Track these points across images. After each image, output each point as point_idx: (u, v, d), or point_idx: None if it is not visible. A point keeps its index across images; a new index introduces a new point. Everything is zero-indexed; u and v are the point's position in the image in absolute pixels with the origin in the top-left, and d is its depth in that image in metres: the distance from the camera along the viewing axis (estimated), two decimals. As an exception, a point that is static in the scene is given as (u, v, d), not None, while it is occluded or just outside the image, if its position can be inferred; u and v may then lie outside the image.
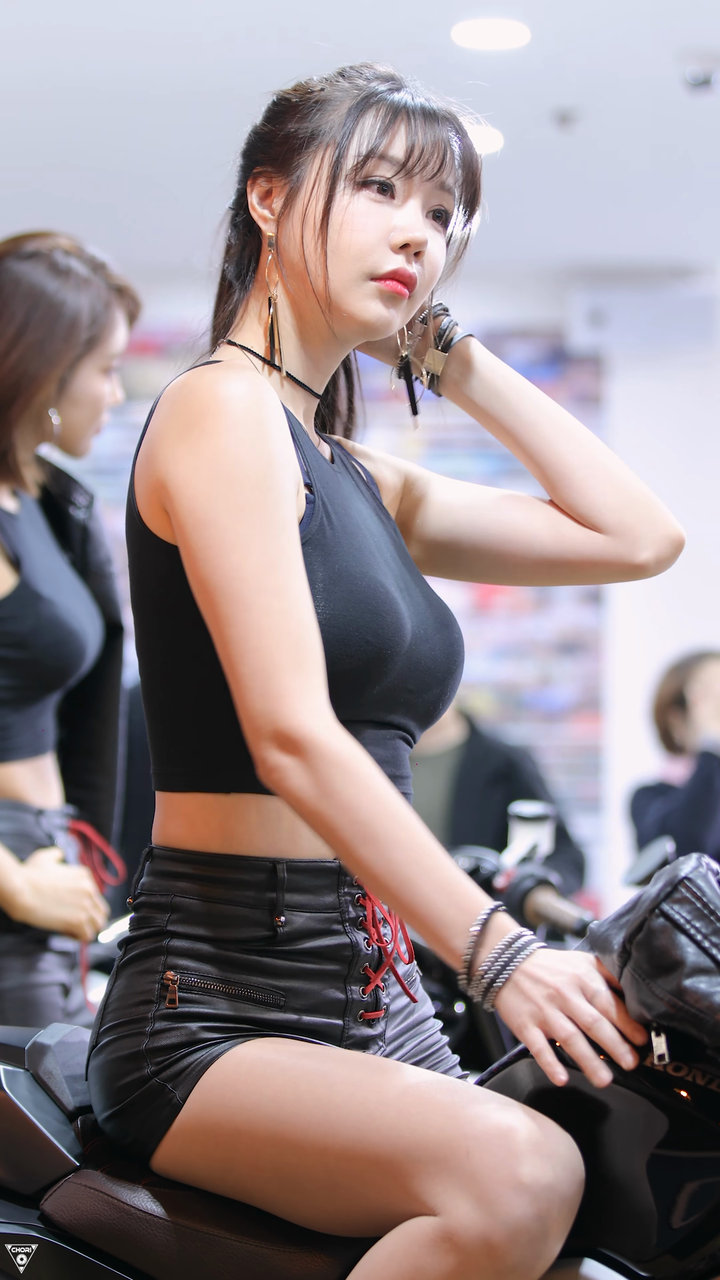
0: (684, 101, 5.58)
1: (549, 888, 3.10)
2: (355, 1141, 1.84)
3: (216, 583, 1.88)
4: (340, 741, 1.86)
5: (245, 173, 2.09)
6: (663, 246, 7.42)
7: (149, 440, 1.97)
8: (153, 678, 2.01)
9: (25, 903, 2.83)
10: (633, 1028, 1.81)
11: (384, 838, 1.84)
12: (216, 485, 1.89)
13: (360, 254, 2.01)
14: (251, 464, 1.90)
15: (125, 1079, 1.95)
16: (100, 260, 2.96)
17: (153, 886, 1.99)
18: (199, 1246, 1.90)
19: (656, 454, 7.80)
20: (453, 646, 2.07)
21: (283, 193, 2.04)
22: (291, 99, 2.06)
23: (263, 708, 1.85)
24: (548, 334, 7.84)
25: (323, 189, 2.01)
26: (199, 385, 1.94)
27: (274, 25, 5.07)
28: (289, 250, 2.04)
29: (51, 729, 2.95)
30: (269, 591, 1.87)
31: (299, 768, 1.85)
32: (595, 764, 7.81)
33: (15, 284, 2.90)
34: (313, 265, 2.02)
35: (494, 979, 1.81)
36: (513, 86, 5.49)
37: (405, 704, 2.02)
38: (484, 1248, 1.76)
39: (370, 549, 2.02)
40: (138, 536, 1.99)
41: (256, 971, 1.95)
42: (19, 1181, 1.99)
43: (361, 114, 2.02)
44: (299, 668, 1.86)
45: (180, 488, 1.91)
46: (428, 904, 1.83)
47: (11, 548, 2.88)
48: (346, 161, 2.01)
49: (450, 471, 2.32)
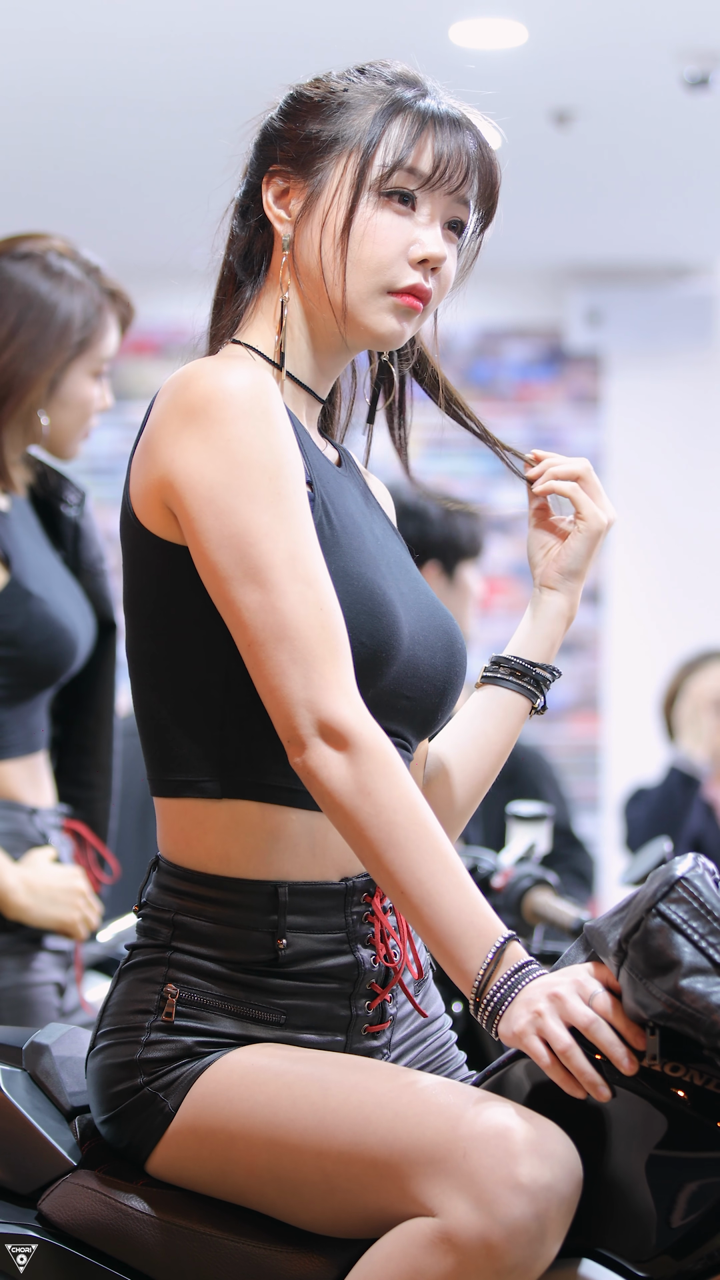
0: (681, 101, 5.58)
1: (546, 887, 3.10)
2: (352, 1144, 1.83)
3: (243, 571, 1.86)
4: (381, 739, 1.86)
5: (259, 166, 2.05)
6: (660, 246, 7.42)
7: (148, 434, 1.94)
8: (144, 682, 1.98)
9: (19, 901, 2.83)
10: (633, 1031, 1.80)
11: (412, 845, 1.83)
12: (233, 474, 1.87)
13: (380, 267, 1.99)
14: (266, 452, 1.88)
15: (118, 1086, 1.95)
16: (94, 264, 2.96)
17: (157, 900, 1.98)
18: (196, 1247, 1.90)
19: (654, 453, 7.81)
20: (454, 658, 2.05)
21: (302, 195, 2.01)
22: (312, 96, 2.03)
23: (305, 696, 1.84)
24: (545, 333, 7.84)
25: (345, 197, 1.99)
26: (200, 374, 1.91)
27: (271, 25, 5.07)
28: (305, 254, 2.01)
29: (44, 727, 2.95)
30: (301, 580, 1.86)
31: (341, 760, 1.84)
32: (593, 763, 7.81)
33: (8, 285, 2.90)
34: (330, 273, 2.00)
35: (500, 1003, 1.82)
36: (510, 86, 5.48)
37: (402, 711, 2.00)
38: (482, 1248, 1.76)
39: (370, 552, 2.00)
40: (133, 536, 1.97)
41: (258, 991, 1.94)
42: (17, 1181, 1.99)
43: (389, 121, 1.99)
44: (336, 660, 1.86)
45: (192, 478, 1.88)
46: (447, 923, 1.83)
47: (1, 546, 2.88)
48: (371, 171, 1.98)
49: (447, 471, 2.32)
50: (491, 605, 7.72)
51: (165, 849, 1.99)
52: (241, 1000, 1.93)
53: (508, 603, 7.82)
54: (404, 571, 2.06)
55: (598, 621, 7.87)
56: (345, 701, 1.85)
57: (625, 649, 7.76)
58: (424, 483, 2.25)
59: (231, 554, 1.86)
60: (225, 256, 2.08)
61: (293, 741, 1.86)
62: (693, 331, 7.64)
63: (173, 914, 1.96)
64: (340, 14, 5.03)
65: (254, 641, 1.86)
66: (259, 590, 1.86)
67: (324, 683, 1.85)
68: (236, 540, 1.86)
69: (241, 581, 1.86)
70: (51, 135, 6.05)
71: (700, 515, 7.79)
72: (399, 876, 1.83)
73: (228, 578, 1.87)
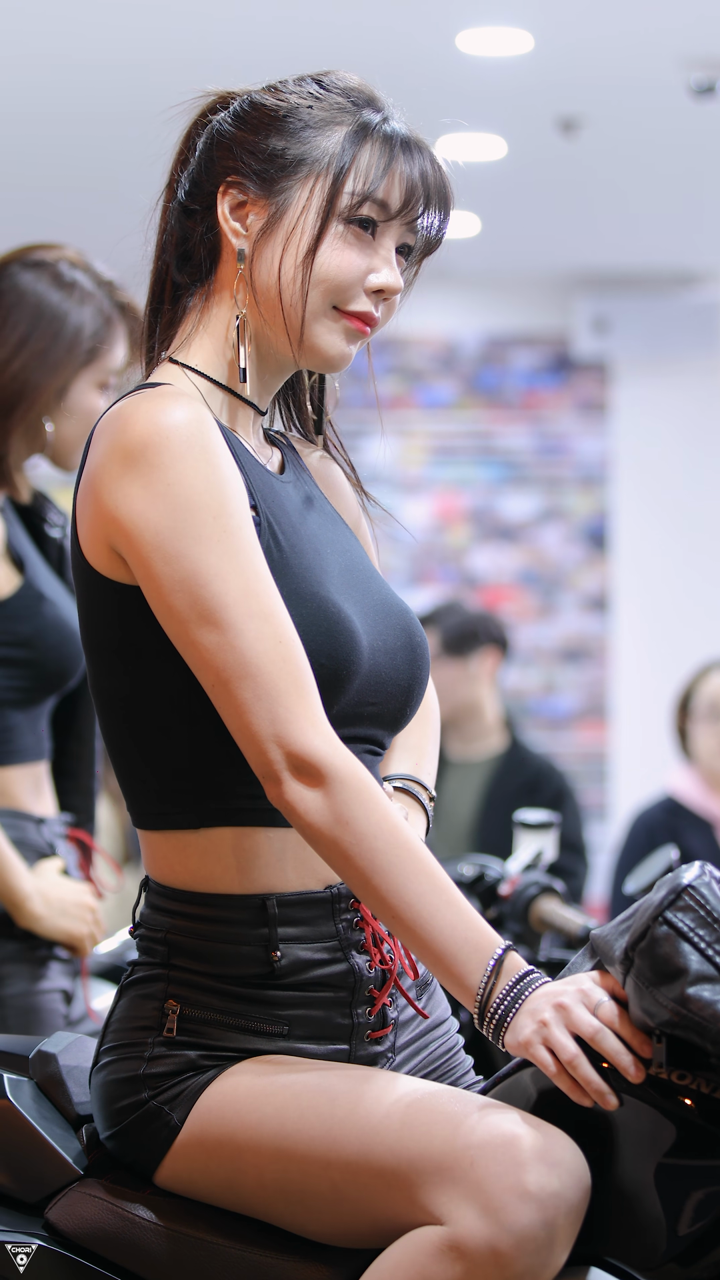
0: (688, 108, 5.58)
1: (553, 895, 3.10)
2: (359, 1155, 1.83)
3: (198, 614, 1.85)
4: (354, 766, 1.86)
5: (212, 172, 2.01)
6: (667, 253, 7.42)
7: (89, 477, 1.92)
8: (112, 718, 1.97)
9: (34, 910, 2.83)
10: (639, 1039, 1.80)
11: (399, 869, 1.84)
12: (178, 518, 1.86)
13: (338, 289, 1.97)
14: (207, 491, 1.87)
15: (122, 1102, 1.94)
16: (107, 277, 2.97)
17: (150, 919, 1.98)
18: (204, 1256, 1.90)
19: (661, 460, 7.80)
20: (415, 653, 2.04)
21: (262, 213, 1.98)
22: (273, 109, 1.99)
23: (273, 733, 1.84)
24: (552, 341, 7.84)
25: (312, 222, 1.96)
26: (135, 417, 1.89)
27: (277, 33, 5.07)
28: (263, 273, 1.98)
29: (48, 737, 2.96)
30: (257, 617, 1.86)
31: (315, 794, 1.84)
32: (600, 771, 7.80)
33: (20, 293, 2.91)
34: (289, 294, 1.97)
35: (505, 1014, 1.81)
36: (517, 94, 5.48)
37: (369, 717, 1.99)
38: (490, 1256, 1.75)
39: (318, 566, 1.98)
40: (86, 577, 1.95)
41: (258, 1003, 1.93)
42: (23, 1190, 1.99)
43: (358, 148, 1.97)
44: (300, 692, 1.86)
45: (137, 525, 1.87)
46: (443, 941, 1.83)
47: (15, 548, 2.89)
48: (340, 200, 1.96)
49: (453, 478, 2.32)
50: (496, 613, 7.72)
51: (151, 872, 1.99)
52: (242, 1014, 1.93)
53: (515, 610, 7.81)
54: (353, 574, 2.03)
55: (605, 629, 7.87)
56: (314, 733, 1.85)
57: (632, 657, 7.76)
58: (358, 478, 2.18)
59: (185, 597, 1.86)
60: (158, 253, 2.05)
61: (267, 777, 1.86)
62: (700, 339, 7.64)
63: (165, 933, 1.96)
64: (346, 22, 5.04)
65: (217, 681, 1.86)
66: (216, 631, 1.85)
67: (290, 716, 1.84)
68: (188, 583, 1.86)
69: (198, 624, 1.86)
70: (66, 152, 6.06)
71: (708, 522, 7.79)
72: (389, 901, 1.84)
73: (184, 620, 1.86)
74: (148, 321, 2.07)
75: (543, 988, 1.82)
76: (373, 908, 1.86)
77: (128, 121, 5.81)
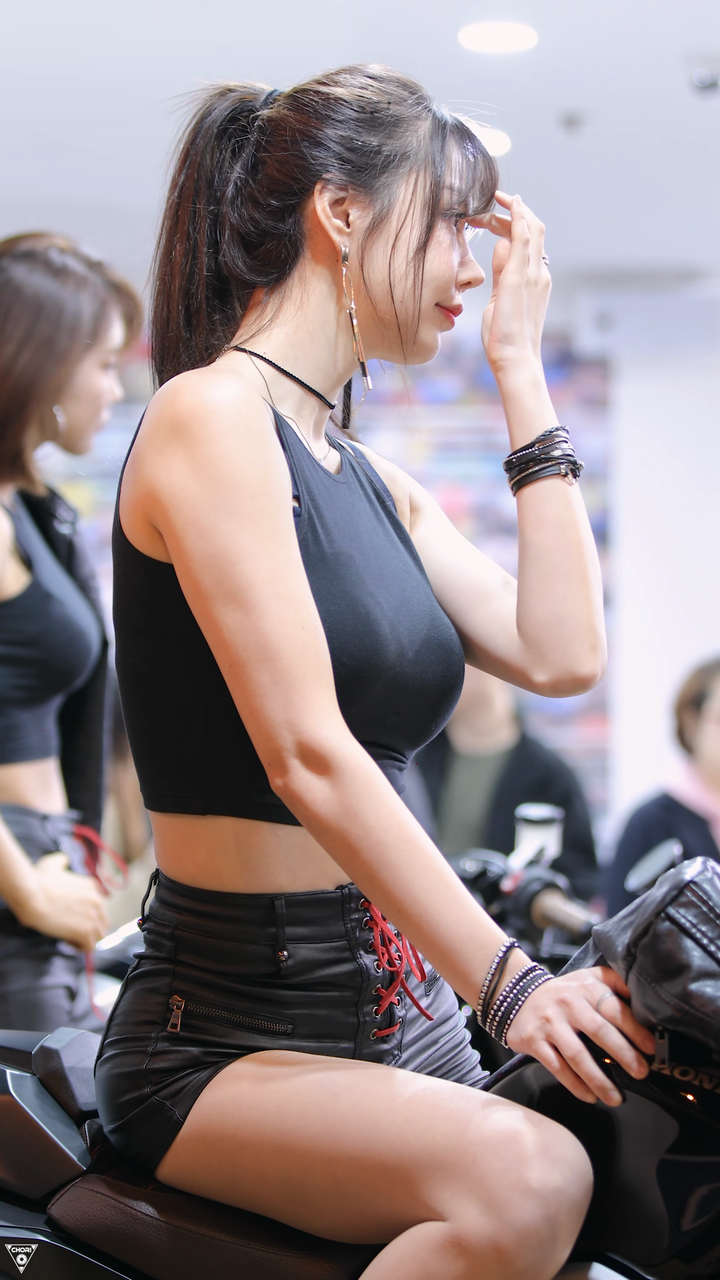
0: (691, 104, 5.58)
1: (556, 890, 3.10)
2: (361, 1150, 1.83)
3: (224, 591, 1.85)
4: (364, 760, 1.85)
5: (284, 166, 2.00)
6: (670, 249, 7.42)
7: (137, 447, 1.93)
8: (131, 696, 1.97)
9: (37, 907, 2.83)
10: (642, 1035, 1.80)
11: (404, 864, 1.83)
12: (215, 492, 1.86)
13: (444, 287, 2.01)
14: (250, 470, 1.87)
15: (125, 1096, 1.95)
16: (96, 259, 2.97)
17: (158, 914, 1.98)
18: (206, 1252, 1.90)
19: (663, 457, 7.80)
20: (449, 669, 2.03)
21: (366, 210, 1.99)
22: (353, 102, 1.99)
23: (285, 718, 1.84)
24: (555, 337, 7.84)
25: (420, 218, 1.99)
26: (184, 390, 1.89)
27: (281, 28, 5.07)
28: (371, 270, 1.99)
29: (55, 734, 2.96)
30: (283, 600, 1.85)
31: (323, 783, 1.84)
32: (603, 767, 7.80)
33: (16, 287, 2.91)
34: (400, 289, 1.99)
35: (508, 1011, 1.82)
36: (520, 89, 5.49)
37: (394, 726, 1.99)
38: (493, 1252, 1.76)
39: (359, 566, 1.97)
40: (122, 552, 1.95)
41: (264, 1002, 1.93)
42: (26, 1186, 1.99)
43: (443, 143, 2.01)
44: (318, 681, 1.85)
45: (176, 495, 1.87)
46: (447, 937, 1.83)
47: (24, 547, 2.89)
48: (443, 197, 2.00)
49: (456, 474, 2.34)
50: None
51: (161, 864, 1.99)
52: (247, 1012, 1.93)
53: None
54: (398, 582, 2.02)
55: (607, 625, 7.86)
56: (326, 723, 1.84)
57: (635, 652, 7.75)
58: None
59: (213, 573, 1.85)
60: (222, 247, 2.01)
61: (274, 764, 1.85)
62: (703, 335, 7.64)
63: (172, 928, 1.96)
64: (350, 17, 5.04)
65: (235, 662, 1.85)
66: (240, 610, 1.85)
67: (305, 704, 1.84)
68: (218, 559, 1.85)
69: (223, 601, 1.85)
70: (63, 128, 6.06)
71: (710, 518, 7.79)
72: (394, 896, 1.84)
73: (210, 597, 1.86)
74: (204, 309, 2.00)
75: (546, 984, 1.82)
76: (377, 902, 1.86)
77: (127, 121, 5.82)
